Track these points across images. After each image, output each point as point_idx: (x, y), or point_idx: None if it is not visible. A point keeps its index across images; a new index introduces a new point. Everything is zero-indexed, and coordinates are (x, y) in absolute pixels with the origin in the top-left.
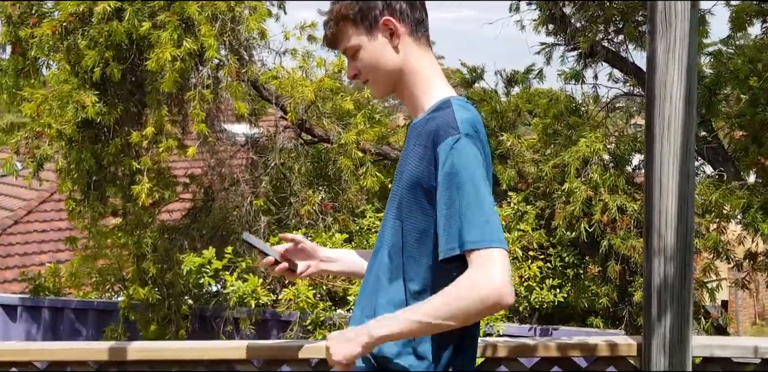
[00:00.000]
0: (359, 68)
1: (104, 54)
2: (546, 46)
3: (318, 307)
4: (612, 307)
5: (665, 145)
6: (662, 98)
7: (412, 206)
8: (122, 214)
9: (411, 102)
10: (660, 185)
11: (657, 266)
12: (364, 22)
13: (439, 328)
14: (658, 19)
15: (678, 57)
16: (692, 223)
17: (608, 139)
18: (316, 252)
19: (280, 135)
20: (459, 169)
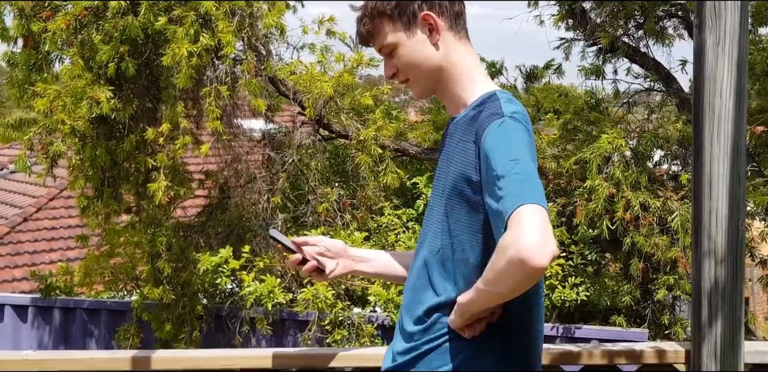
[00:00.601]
0: (398, 67)
1: (119, 49)
2: (565, 41)
3: (336, 307)
4: (635, 305)
5: (715, 144)
6: (712, 94)
7: (460, 204)
8: (136, 212)
9: (452, 98)
10: (710, 186)
11: (707, 269)
12: (402, 18)
13: (493, 295)
14: (707, 12)
15: (728, 51)
16: (744, 224)
17: (629, 135)
18: (345, 251)
19: (297, 131)
20: (503, 155)
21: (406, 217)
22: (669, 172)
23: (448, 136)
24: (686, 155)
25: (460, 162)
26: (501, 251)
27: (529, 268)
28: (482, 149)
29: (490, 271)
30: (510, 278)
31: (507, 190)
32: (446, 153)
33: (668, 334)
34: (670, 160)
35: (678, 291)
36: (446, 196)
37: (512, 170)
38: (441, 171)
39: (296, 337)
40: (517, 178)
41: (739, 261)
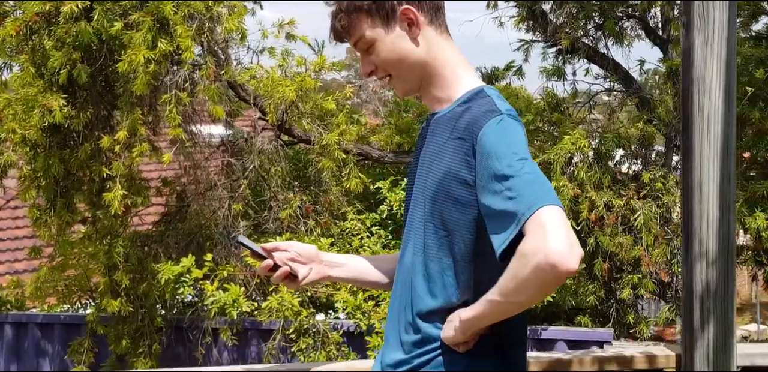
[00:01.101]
0: (377, 64)
1: (72, 55)
2: (525, 42)
3: (301, 315)
4: (599, 304)
5: (705, 144)
6: (701, 94)
7: (448, 202)
8: (91, 222)
9: (435, 94)
10: (700, 188)
11: (698, 272)
12: (380, 13)
13: (512, 306)
14: (695, 11)
15: (717, 51)
16: (734, 226)
17: (591, 136)
18: (317, 256)
19: (258, 136)
20: (506, 154)
21: (369, 222)
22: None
23: (429, 133)
24: (646, 155)
25: (449, 160)
26: (525, 258)
27: (560, 273)
28: (480, 147)
29: (510, 280)
30: (536, 285)
31: (519, 191)
32: (428, 150)
33: (633, 333)
34: (631, 160)
35: (642, 290)
36: (430, 194)
37: (522, 170)
38: (423, 168)
39: (260, 346)
40: (529, 178)
41: (730, 263)
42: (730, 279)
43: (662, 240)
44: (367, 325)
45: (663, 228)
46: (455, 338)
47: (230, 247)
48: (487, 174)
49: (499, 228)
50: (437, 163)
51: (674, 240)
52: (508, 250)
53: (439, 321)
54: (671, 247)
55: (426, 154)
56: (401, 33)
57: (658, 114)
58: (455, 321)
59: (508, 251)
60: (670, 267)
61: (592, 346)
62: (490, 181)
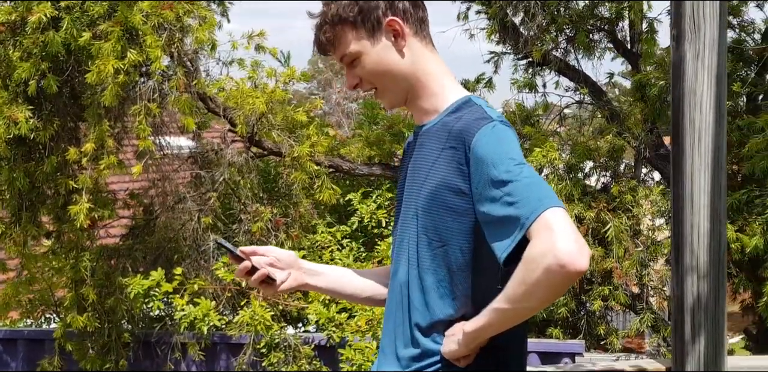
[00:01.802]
0: (362, 76)
1: (39, 66)
2: (495, 54)
3: (272, 329)
4: (570, 316)
5: (696, 157)
6: (692, 108)
7: (443, 213)
8: (56, 236)
9: (422, 106)
10: (692, 199)
11: (690, 285)
12: (366, 25)
13: (521, 312)
14: (686, 24)
15: (708, 64)
16: (725, 239)
17: (562, 148)
18: (296, 262)
19: (228, 148)
20: (498, 155)
21: (340, 235)
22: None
23: (418, 145)
24: (616, 167)
25: (442, 170)
26: (533, 261)
27: (571, 273)
28: (474, 154)
29: (519, 286)
30: (547, 288)
31: (520, 196)
32: (418, 162)
33: (603, 345)
34: (600, 172)
35: (612, 302)
36: (423, 206)
37: (520, 174)
38: (414, 181)
39: (229, 361)
40: (528, 181)
41: (721, 276)
42: (721, 292)
43: (633, 252)
44: (340, 337)
45: (633, 240)
46: (458, 352)
47: (200, 260)
48: (484, 181)
49: (501, 234)
50: (430, 174)
51: (645, 252)
52: (512, 256)
53: (437, 335)
54: (641, 259)
55: (416, 167)
56: (387, 44)
57: (627, 126)
58: (458, 335)
59: (512, 257)
60: (640, 279)
61: (564, 358)
62: (488, 188)
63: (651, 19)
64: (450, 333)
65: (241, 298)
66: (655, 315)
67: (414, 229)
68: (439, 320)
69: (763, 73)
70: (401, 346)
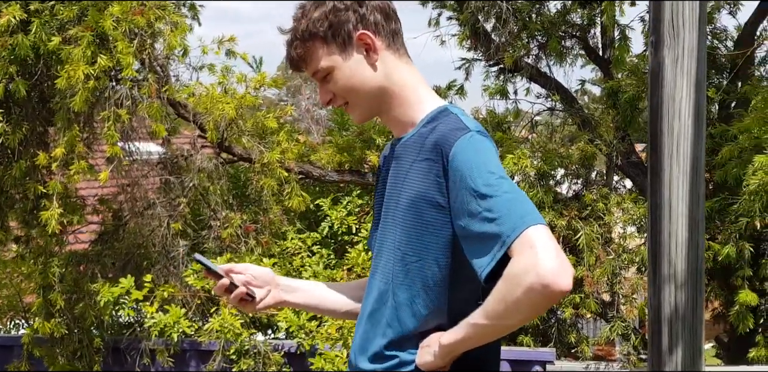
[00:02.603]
0: (334, 91)
1: (7, 69)
2: (466, 61)
3: (242, 335)
4: (541, 324)
5: (674, 165)
6: (671, 115)
7: (420, 226)
8: (24, 242)
9: (398, 119)
10: (670, 208)
11: (667, 295)
12: (336, 39)
13: (499, 328)
14: (665, 30)
15: (687, 70)
16: (703, 248)
17: (533, 155)
18: (273, 279)
19: (198, 154)
20: (481, 172)
21: (310, 241)
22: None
23: (395, 158)
24: (587, 174)
25: (418, 183)
26: (514, 279)
27: (553, 292)
28: (452, 167)
29: (498, 303)
30: (528, 307)
31: (501, 211)
32: (395, 175)
33: (574, 353)
34: (571, 180)
35: (583, 310)
36: (400, 220)
37: (500, 189)
38: (392, 194)
39: (198, 368)
40: (509, 197)
41: (699, 286)
42: (699, 302)
43: (604, 260)
44: (310, 345)
45: (605, 248)
46: (434, 364)
47: (169, 266)
48: (462, 194)
49: (479, 251)
50: (406, 187)
51: (616, 260)
52: (492, 273)
53: (411, 347)
54: (613, 268)
55: (393, 179)
56: (359, 58)
57: (599, 134)
58: (433, 346)
59: (492, 274)
60: (611, 287)
61: (535, 366)
62: (466, 202)
63: (623, 26)
64: (425, 344)
65: (211, 305)
66: (626, 323)
67: (392, 242)
68: (412, 334)
69: (735, 80)
70: (365, 361)
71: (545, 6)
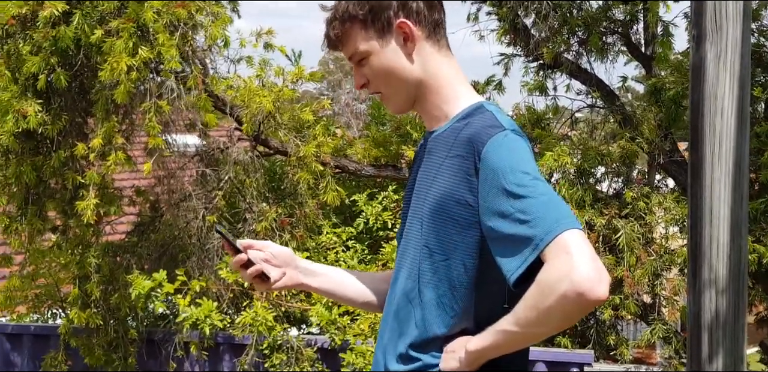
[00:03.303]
0: (368, 77)
1: (49, 60)
2: (505, 56)
3: (275, 330)
4: (579, 325)
5: (716, 166)
6: (713, 113)
7: (448, 224)
8: (62, 231)
9: (432, 112)
10: (711, 210)
11: (707, 301)
12: (375, 25)
13: (530, 336)
14: (707, 23)
15: (730, 66)
16: (746, 252)
17: (573, 153)
18: (293, 260)
19: (234, 147)
20: (514, 170)
21: (345, 236)
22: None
23: (427, 152)
24: (628, 173)
25: (448, 180)
26: (548, 286)
27: (588, 301)
28: (484, 165)
29: (530, 310)
30: (560, 315)
31: (535, 214)
32: (426, 170)
33: (613, 355)
34: (612, 178)
35: (623, 311)
36: (427, 216)
37: (536, 190)
38: (420, 189)
39: (233, 362)
40: (544, 199)
41: (741, 291)
42: (741, 308)
43: (645, 260)
44: (342, 340)
45: (645, 248)
46: (458, 370)
47: (204, 258)
48: (494, 194)
49: (510, 253)
50: (435, 182)
51: (657, 261)
52: (522, 277)
53: (435, 350)
54: (654, 268)
55: (423, 174)
56: (396, 48)
57: (641, 131)
58: (459, 352)
59: (521, 278)
60: (652, 288)
61: (572, 368)
62: (498, 202)
63: (667, 22)
64: (450, 349)
65: (244, 298)
66: (667, 326)
67: (418, 239)
68: (436, 337)
69: None
70: (393, 361)
71: (586, 2)
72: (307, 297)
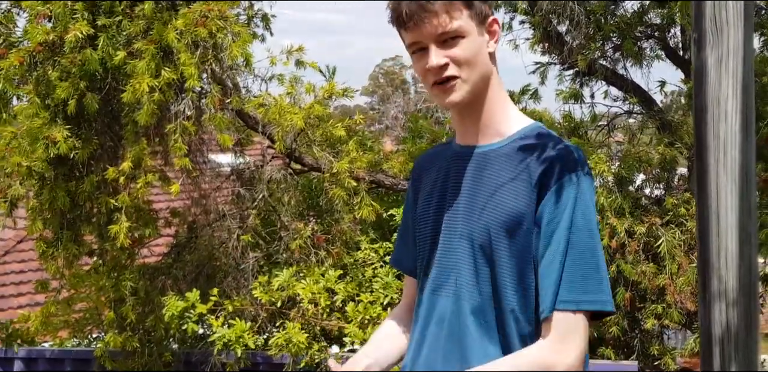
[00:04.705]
0: (453, 58)
1: (78, 85)
2: (541, 65)
3: (313, 349)
4: (622, 335)
5: (722, 172)
6: (716, 118)
7: (501, 248)
8: (98, 255)
9: (481, 122)
10: (718, 219)
11: (717, 314)
12: (478, 10)
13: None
14: (707, 26)
15: (732, 70)
16: (756, 262)
17: (611, 160)
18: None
19: (267, 165)
20: (583, 215)
21: (383, 251)
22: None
23: (477, 167)
24: (668, 179)
25: (512, 202)
26: (545, 363)
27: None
28: (550, 201)
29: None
30: None
31: (572, 274)
32: (477, 184)
33: (658, 366)
34: (652, 185)
35: (666, 320)
36: (484, 238)
37: (588, 249)
38: (468, 203)
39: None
40: (591, 265)
41: (753, 304)
42: (754, 321)
43: (687, 268)
44: None
45: (688, 255)
46: None
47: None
48: (558, 228)
49: (554, 286)
50: (502, 203)
51: None
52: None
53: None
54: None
55: (478, 190)
56: (485, 41)
57: (680, 136)
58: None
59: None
60: (696, 296)
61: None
62: (554, 235)
63: None
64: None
65: (279, 318)
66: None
67: (467, 258)
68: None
69: None
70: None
71: (621, 6)
72: (343, 315)
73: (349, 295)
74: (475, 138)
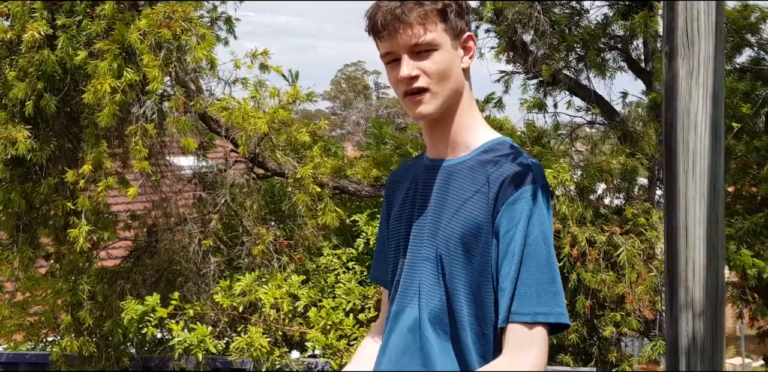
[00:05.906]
0: (425, 71)
1: (36, 85)
2: (505, 74)
3: (274, 354)
4: (581, 343)
5: (690, 184)
6: (686, 129)
7: (457, 261)
8: (55, 258)
9: (450, 136)
10: (686, 231)
11: (684, 324)
12: (454, 24)
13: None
14: (679, 39)
15: (703, 82)
16: (723, 274)
17: (573, 169)
18: None
19: (230, 169)
20: (539, 228)
21: (345, 257)
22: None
23: (441, 181)
24: (629, 189)
25: (472, 215)
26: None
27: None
28: (505, 215)
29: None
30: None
31: (528, 287)
32: (443, 197)
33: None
34: (613, 194)
35: (625, 328)
36: (444, 250)
37: (544, 263)
38: (434, 216)
39: None
40: (546, 278)
41: (719, 315)
42: (719, 332)
43: (646, 277)
44: (339, 364)
45: (647, 264)
46: None
47: (200, 283)
48: (512, 241)
49: (509, 298)
50: (461, 216)
51: (658, 277)
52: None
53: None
54: (655, 284)
55: (440, 202)
56: (458, 55)
57: (641, 147)
58: None
59: None
60: (654, 304)
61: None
62: (509, 248)
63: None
64: None
65: (240, 323)
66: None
67: (431, 268)
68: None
69: None
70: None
71: (585, 18)
72: (305, 320)
73: (312, 301)
74: (444, 152)
